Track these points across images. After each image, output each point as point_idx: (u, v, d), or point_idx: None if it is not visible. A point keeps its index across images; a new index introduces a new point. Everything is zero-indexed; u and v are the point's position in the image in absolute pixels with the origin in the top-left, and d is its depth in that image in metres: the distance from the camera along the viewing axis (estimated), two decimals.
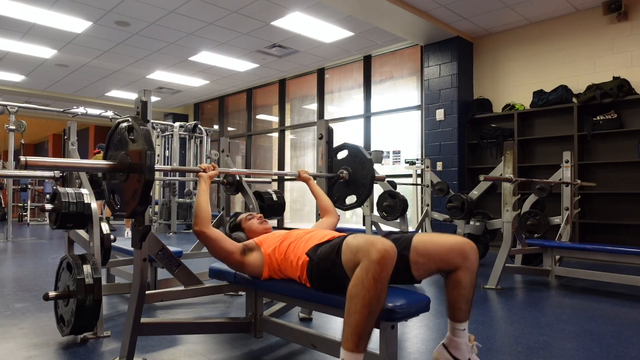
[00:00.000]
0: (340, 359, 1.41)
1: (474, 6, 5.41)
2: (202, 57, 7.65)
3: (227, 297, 3.11)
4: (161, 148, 9.28)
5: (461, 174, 6.18)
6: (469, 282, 1.63)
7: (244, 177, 3.30)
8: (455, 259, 1.62)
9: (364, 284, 1.37)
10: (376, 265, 1.37)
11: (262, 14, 5.83)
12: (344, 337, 1.40)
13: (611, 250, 3.54)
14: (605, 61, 5.34)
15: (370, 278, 1.37)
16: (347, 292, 1.41)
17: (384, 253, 1.38)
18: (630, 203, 5.09)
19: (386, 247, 1.39)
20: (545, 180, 4.29)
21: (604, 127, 5.16)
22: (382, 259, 1.37)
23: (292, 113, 9.32)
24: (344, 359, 1.39)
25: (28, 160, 1.41)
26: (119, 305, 2.93)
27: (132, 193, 1.56)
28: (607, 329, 2.50)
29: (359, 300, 1.37)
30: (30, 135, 16.20)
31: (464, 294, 1.64)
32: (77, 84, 9.48)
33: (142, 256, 1.79)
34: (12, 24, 6.22)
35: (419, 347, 2.20)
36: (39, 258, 4.94)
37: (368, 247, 1.41)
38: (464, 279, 1.63)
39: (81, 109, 7.99)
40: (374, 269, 1.37)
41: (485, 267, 4.29)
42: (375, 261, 1.37)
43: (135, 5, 5.59)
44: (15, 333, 2.32)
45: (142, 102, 1.77)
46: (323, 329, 2.45)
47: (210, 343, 2.21)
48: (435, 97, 6.39)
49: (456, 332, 1.67)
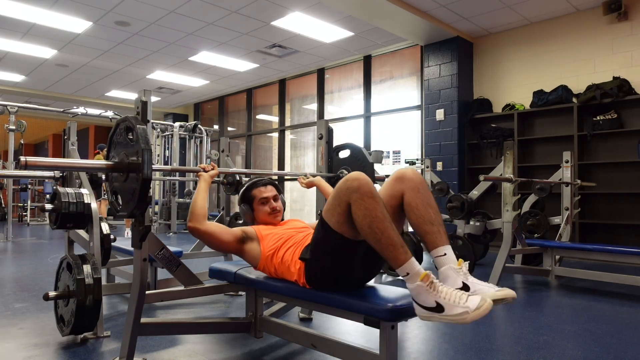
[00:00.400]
0: (404, 274, 1.43)
1: (474, 6, 5.41)
2: (202, 57, 7.65)
3: (227, 297, 3.11)
4: (161, 148, 9.28)
5: (461, 174, 6.18)
6: (419, 201, 1.58)
7: (244, 177, 3.30)
8: (396, 187, 1.63)
9: (368, 208, 1.45)
10: (363, 187, 1.46)
11: (262, 14, 5.84)
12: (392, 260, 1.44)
13: (611, 250, 3.54)
14: (605, 61, 5.34)
15: (368, 199, 1.45)
16: (362, 227, 1.46)
17: (357, 175, 1.50)
18: (630, 203, 5.09)
19: (352, 174, 1.52)
20: (545, 180, 4.29)
21: (604, 127, 5.16)
22: (360, 180, 1.48)
23: (292, 113, 9.32)
24: (409, 273, 1.41)
25: (28, 160, 1.41)
26: (119, 305, 2.93)
27: (131, 193, 1.57)
28: (607, 329, 2.50)
29: (378, 222, 1.43)
30: (30, 135, 16.20)
31: (421, 214, 1.57)
32: (77, 84, 9.48)
33: (142, 256, 1.79)
34: (12, 24, 6.22)
35: (419, 347, 2.20)
36: (39, 258, 4.94)
37: (345, 185, 1.50)
38: (412, 200, 1.59)
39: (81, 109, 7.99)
40: (364, 191, 1.46)
41: (485, 267, 4.30)
42: (360, 187, 1.46)
43: (135, 5, 5.59)
44: (16, 333, 2.32)
45: (142, 102, 1.77)
46: (323, 329, 2.45)
47: (210, 343, 2.21)
48: (435, 97, 6.39)
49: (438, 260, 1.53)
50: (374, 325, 1.51)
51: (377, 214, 1.44)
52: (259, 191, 2.17)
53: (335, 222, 1.56)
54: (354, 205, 1.48)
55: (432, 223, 1.56)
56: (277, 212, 2.17)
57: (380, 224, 1.44)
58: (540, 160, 5.76)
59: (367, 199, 1.46)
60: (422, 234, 1.58)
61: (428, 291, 1.39)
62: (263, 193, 2.16)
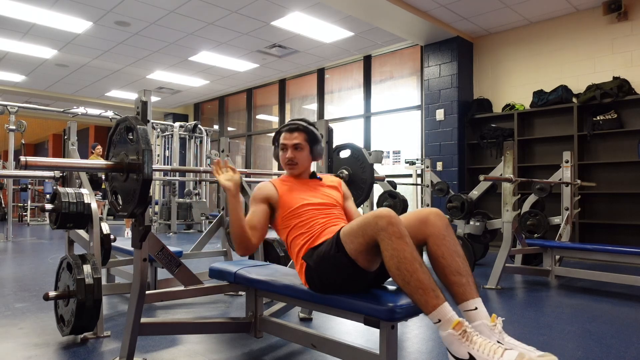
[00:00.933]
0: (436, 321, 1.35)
1: (474, 6, 5.41)
2: (202, 57, 7.65)
3: (227, 297, 3.11)
4: (161, 148, 9.29)
5: (461, 174, 6.18)
6: (445, 249, 1.50)
7: (244, 177, 3.30)
8: (419, 229, 1.54)
9: (397, 248, 1.38)
10: (393, 227, 1.39)
11: (262, 14, 5.84)
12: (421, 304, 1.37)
13: (611, 250, 3.54)
14: (605, 61, 5.34)
15: (397, 239, 1.39)
16: (389, 269, 1.41)
17: (387, 213, 1.42)
18: (630, 203, 5.09)
19: (382, 211, 1.44)
20: (545, 180, 4.29)
21: (604, 127, 5.16)
22: (391, 219, 1.41)
23: (292, 113, 9.32)
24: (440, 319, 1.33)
25: (28, 160, 1.41)
26: (119, 305, 2.93)
27: (131, 193, 1.57)
28: (607, 329, 2.50)
29: (407, 264, 1.37)
30: (30, 135, 16.20)
31: (447, 264, 1.49)
32: (77, 84, 9.48)
33: (142, 256, 1.79)
34: (12, 24, 6.22)
35: (419, 347, 2.20)
36: (39, 258, 4.94)
37: (375, 221, 1.43)
38: (437, 248, 1.52)
39: (81, 109, 8.00)
40: (393, 231, 1.39)
41: (485, 267, 4.30)
42: (389, 226, 1.39)
43: (135, 5, 5.59)
44: (16, 333, 2.32)
45: (142, 102, 1.78)
46: (323, 329, 2.45)
47: (210, 343, 2.21)
48: (435, 97, 6.39)
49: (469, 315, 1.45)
50: (374, 325, 1.51)
51: (405, 255, 1.38)
52: (283, 136, 1.98)
53: (353, 249, 1.51)
54: (382, 243, 1.42)
55: (460, 273, 1.48)
56: (291, 165, 1.97)
57: (409, 266, 1.36)
58: (540, 160, 5.76)
59: (396, 239, 1.39)
60: (448, 285, 1.50)
61: (460, 341, 1.30)
62: (284, 139, 1.97)
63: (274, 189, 1.90)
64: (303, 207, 1.86)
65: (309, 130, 1.98)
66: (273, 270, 2.05)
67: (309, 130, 1.98)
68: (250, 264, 2.19)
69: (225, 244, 3.47)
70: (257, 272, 2.01)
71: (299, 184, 1.98)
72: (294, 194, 1.90)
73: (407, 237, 1.41)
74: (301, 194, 1.91)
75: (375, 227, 1.42)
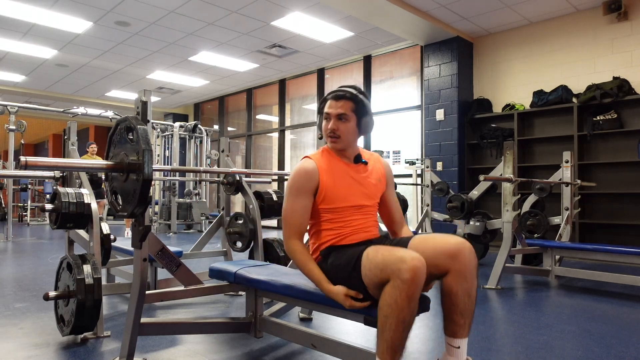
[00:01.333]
0: None
1: (474, 6, 5.41)
2: (202, 57, 7.65)
3: (227, 297, 3.11)
4: (161, 148, 9.29)
5: (461, 174, 6.18)
6: (460, 289, 1.45)
7: (244, 177, 3.30)
8: (444, 261, 1.46)
9: (398, 303, 1.32)
10: (409, 285, 1.31)
11: (262, 14, 5.84)
12: (379, 349, 1.38)
13: (611, 250, 3.54)
14: (605, 61, 5.34)
15: (404, 297, 1.31)
16: (379, 308, 1.37)
17: (416, 271, 1.31)
18: (630, 203, 5.09)
19: (417, 264, 1.32)
20: (545, 180, 4.29)
21: (604, 127, 5.16)
22: (415, 277, 1.31)
23: (292, 113, 9.32)
24: None
25: (28, 161, 1.41)
26: (119, 305, 2.93)
27: (131, 193, 1.57)
28: (607, 329, 2.50)
29: (394, 320, 1.33)
30: (30, 135, 16.19)
31: (456, 303, 1.46)
32: (77, 84, 9.48)
33: (142, 256, 1.79)
34: (12, 24, 6.22)
35: (418, 347, 2.20)
36: (39, 258, 4.94)
37: (398, 265, 1.33)
38: (454, 285, 1.45)
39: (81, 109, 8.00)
40: (407, 289, 1.31)
41: (485, 267, 4.29)
42: (408, 280, 1.30)
43: (135, 5, 5.59)
44: (16, 333, 2.32)
45: (142, 102, 1.78)
46: (323, 329, 2.45)
47: (210, 343, 2.21)
48: (435, 97, 6.39)
49: (450, 349, 1.50)
50: (374, 325, 1.50)
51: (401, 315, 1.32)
52: (328, 103, 1.75)
53: (368, 278, 1.46)
54: (390, 287, 1.34)
55: (463, 315, 1.47)
56: (333, 138, 1.73)
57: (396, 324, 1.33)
58: (540, 160, 5.76)
59: (404, 297, 1.31)
60: (447, 319, 1.50)
61: None
62: (329, 107, 1.74)
63: (317, 175, 1.69)
64: (344, 209, 1.71)
65: (357, 100, 1.71)
66: (273, 270, 2.04)
67: (357, 100, 1.71)
68: (250, 264, 2.19)
69: (225, 244, 3.47)
70: (257, 272, 2.01)
71: (343, 168, 1.75)
72: (337, 188, 1.71)
73: (416, 300, 1.34)
74: (345, 189, 1.72)
75: (397, 272, 1.33)
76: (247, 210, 3.24)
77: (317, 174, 1.70)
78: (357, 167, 1.78)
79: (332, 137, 1.73)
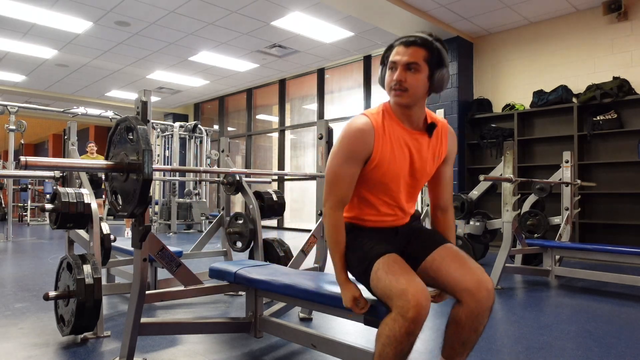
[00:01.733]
0: None
1: (474, 6, 5.41)
2: (202, 57, 7.65)
3: (227, 297, 3.11)
4: (161, 148, 9.29)
5: (461, 174, 6.18)
6: (469, 323, 1.38)
7: (244, 177, 3.30)
8: (460, 293, 1.39)
9: (397, 337, 1.27)
10: (410, 323, 1.25)
11: (262, 14, 5.84)
12: None
13: (611, 250, 3.54)
14: (605, 61, 5.34)
15: (404, 333, 1.26)
16: (378, 333, 1.33)
17: (419, 309, 1.24)
18: (630, 203, 5.09)
19: (421, 301, 1.25)
20: (545, 180, 4.29)
21: (604, 127, 5.15)
22: (418, 316, 1.24)
23: (292, 113, 9.32)
24: None
25: (28, 161, 1.41)
26: (119, 305, 2.93)
27: (131, 193, 1.57)
28: (607, 329, 2.50)
29: (391, 350, 1.29)
30: (30, 135, 16.20)
31: (460, 334, 1.40)
32: (77, 84, 9.48)
33: (142, 256, 1.79)
34: (12, 24, 6.22)
35: (418, 347, 2.20)
36: (39, 258, 4.94)
37: (401, 303, 1.26)
38: (464, 318, 1.38)
39: (81, 109, 8.01)
40: (407, 326, 1.25)
41: (485, 267, 4.28)
42: (409, 319, 1.24)
43: (135, 5, 5.59)
44: (16, 333, 2.32)
45: (142, 102, 1.78)
46: (323, 329, 2.45)
47: (210, 343, 2.21)
48: (435, 97, 6.39)
49: None
50: (374, 325, 1.50)
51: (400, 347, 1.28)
52: (395, 50, 1.45)
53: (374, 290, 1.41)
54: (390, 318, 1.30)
55: (464, 345, 1.42)
56: (398, 91, 1.43)
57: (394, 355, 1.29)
58: (540, 160, 5.76)
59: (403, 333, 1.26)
60: (447, 344, 1.46)
61: None
62: (396, 54, 1.44)
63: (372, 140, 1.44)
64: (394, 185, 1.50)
65: (433, 47, 1.42)
66: (273, 270, 2.05)
67: (433, 47, 1.42)
68: (250, 264, 2.19)
69: (225, 244, 3.47)
70: (257, 272, 2.01)
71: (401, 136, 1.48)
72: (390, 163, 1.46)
73: (416, 335, 1.29)
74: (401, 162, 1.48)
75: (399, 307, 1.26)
76: (247, 210, 3.24)
77: (372, 138, 1.44)
78: (417, 136, 1.50)
79: (398, 90, 1.43)
